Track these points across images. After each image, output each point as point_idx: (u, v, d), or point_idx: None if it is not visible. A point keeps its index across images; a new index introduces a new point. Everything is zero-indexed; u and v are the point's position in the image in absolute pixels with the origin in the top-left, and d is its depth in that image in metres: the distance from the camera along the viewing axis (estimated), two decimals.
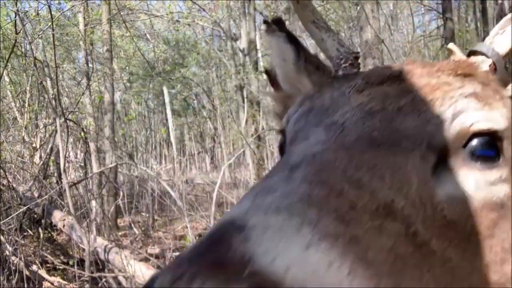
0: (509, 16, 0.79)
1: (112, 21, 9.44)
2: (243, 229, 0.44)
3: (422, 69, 0.72)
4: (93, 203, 6.15)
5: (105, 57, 9.17)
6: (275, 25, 0.94)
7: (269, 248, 0.42)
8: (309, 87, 0.88)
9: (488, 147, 0.60)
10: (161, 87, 19.69)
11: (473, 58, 0.78)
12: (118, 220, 8.50)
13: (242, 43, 11.22)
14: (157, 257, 6.00)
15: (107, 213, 6.98)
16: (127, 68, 17.49)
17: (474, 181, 0.59)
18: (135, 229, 7.77)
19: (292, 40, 0.93)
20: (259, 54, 12.88)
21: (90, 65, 9.15)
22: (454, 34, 9.10)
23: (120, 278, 4.80)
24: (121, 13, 9.37)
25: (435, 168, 0.59)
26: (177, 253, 6.44)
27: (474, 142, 0.60)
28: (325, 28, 0.93)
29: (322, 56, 0.98)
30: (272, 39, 0.95)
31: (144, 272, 4.60)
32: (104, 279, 4.75)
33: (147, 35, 17.68)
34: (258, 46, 12.64)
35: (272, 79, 0.98)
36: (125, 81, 17.70)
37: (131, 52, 16.49)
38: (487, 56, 0.77)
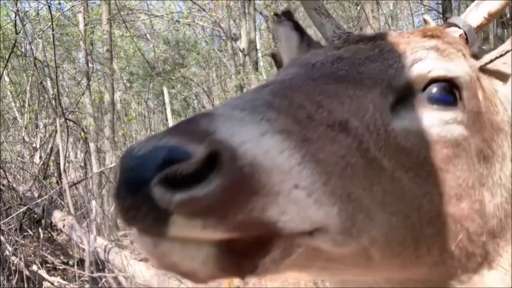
0: None
1: (112, 21, 9.43)
2: (211, 115, 0.51)
3: (396, 33, 0.81)
4: (93, 203, 6.14)
5: (105, 57, 9.17)
6: (284, 16, 1.04)
7: (230, 128, 0.48)
8: None
9: (445, 92, 0.68)
10: (161, 87, 19.68)
11: (446, 28, 0.86)
12: (118, 220, 8.49)
13: (242, 43, 11.21)
14: None
15: (107, 213, 6.98)
16: (127, 68, 17.48)
17: (430, 119, 0.66)
18: None
19: (297, 27, 1.02)
20: (259, 54, 12.88)
21: (90, 65, 9.15)
22: None
23: (120, 278, 4.80)
24: (121, 13, 9.37)
25: (395, 105, 0.66)
26: None
27: (432, 87, 0.68)
28: (325, 14, 1.02)
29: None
30: (280, 28, 1.04)
31: (144, 272, 4.60)
32: (104, 279, 4.74)
33: (147, 35, 17.68)
34: (258, 46, 12.64)
35: (278, 63, 1.05)
36: (125, 81, 17.69)
37: (131, 52, 16.50)
38: (459, 27, 0.84)
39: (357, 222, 0.55)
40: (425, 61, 0.70)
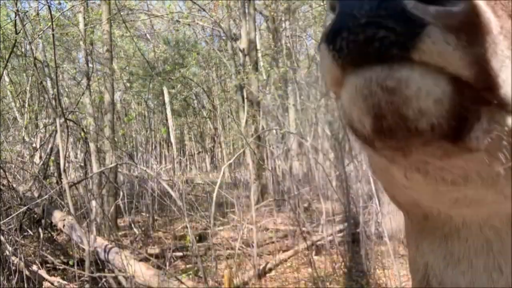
0: None
1: (112, 21, 9.44)
2: None
3: None
4: (93, 203, 6.15)
5: (105, 57, 9.17)
6: None
7: None
8: None
9: None
10: (161, 87, 19.69)
11: None
12: (118, 220, 8.50)
13: (242, 43, 11.22)
14: (157, 257, 6.00)
15: (107, 213, 6.99)
16: (127, 68, 17.49)
17: None
18: (135, 229, 7.78)
19: None
20: (259, 54, 12.88)
21: (90, 65, 9.15)
22: None
23: (120, 278, 4.80)
24: (121, 13, 9.39)
25: None
26: (177, 253, 6.45)
27: None
28: None
29: None
30: None
31: (144, 272, 4.60)
32: (104, 279, 4.75)
33: (147, 35, 17.69)
34: (258, 46, 12.63)
35: None
36: (125, 81, 17.70)
37: (131, 52, 16.51)
38: None
39: None
40: None
